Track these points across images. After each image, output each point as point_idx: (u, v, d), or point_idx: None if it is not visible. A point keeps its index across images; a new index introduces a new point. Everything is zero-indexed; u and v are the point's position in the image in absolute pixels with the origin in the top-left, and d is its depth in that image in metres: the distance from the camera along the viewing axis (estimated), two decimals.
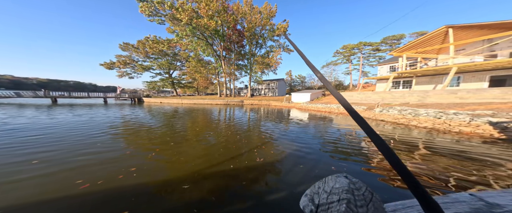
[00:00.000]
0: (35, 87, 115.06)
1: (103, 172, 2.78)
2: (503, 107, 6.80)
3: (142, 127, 6.70)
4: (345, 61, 39.71)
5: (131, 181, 2.52)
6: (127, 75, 37.96)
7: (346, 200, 0.32)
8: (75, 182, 2.43)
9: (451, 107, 8.46)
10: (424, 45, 14.02)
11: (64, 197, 2.11)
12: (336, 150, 4.21)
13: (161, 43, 31.17)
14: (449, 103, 9.60)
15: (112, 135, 5.27)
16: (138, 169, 2.87)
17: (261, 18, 26.38)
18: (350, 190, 0.34)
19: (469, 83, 12.28)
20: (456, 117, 6.89)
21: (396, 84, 17.16)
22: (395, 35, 32.67)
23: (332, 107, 15.17)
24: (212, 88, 57.73)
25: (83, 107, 14.52)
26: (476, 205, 0.57)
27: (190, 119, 9.48)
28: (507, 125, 5.17)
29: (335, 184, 0.37)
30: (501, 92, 8.45)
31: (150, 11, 23.55)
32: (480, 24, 10.57)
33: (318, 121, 9.45)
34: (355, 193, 0.34)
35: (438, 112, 7.81)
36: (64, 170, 2.85)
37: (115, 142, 4.49)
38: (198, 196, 2.17)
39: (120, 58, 36.05)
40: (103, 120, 8.02)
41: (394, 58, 20.20)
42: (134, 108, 16.17)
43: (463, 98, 9.60)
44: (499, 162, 3.38)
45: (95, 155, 3.54)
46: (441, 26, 11.79)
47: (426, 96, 11.12)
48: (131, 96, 31.52)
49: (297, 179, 2.69)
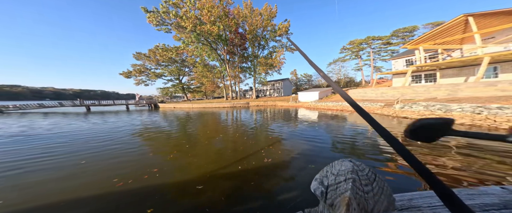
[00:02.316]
0: (71, 97, 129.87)
1: (132, 172, 3.06)
2: None
3: (160, 131, 7.13)
4: (354, 57, 37.88)
5: (154, 181, 2.74)
6: (143, 82, 40.16)
7: (351, 179, 0.36)
8: (113, 180, 2.75)
9: (492, 101, 7.17)
10: (443, 35, 12.59)
11: (106, 193, 2.43)
12: (350, 150, 3.97)
13: (169, 50, 32.57)
14: (489, 96, 8.22)
15: (136, 138, 5.74)
16: (160, 170, 3.11)
17: (262, 19, 26.42)
18: (354, 171, 0.38)
19: (509, 73, 10.59)
20: (502, 112, 5.73)
21: (417, 78, 15.57)
22: (407, 28, 30.46)
23: (344, 105, 14.09)
24: (219, 91, 58.72)
25: (111, 114, 16.04)
26: (507, 198, 0.54)
27: (201, 123, 9.71)
28: None
29: (341, 167, 0.40)
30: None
31: (157, 21, 24.78)
32: (504, 10, 9.15)
33: (329, 120, 8.76)
34: (359, 174, 0.37)
35: (477, 106, 6.62)
36: (104, 170, 3.24)
37: (139, 145, 4.88)
38: (210, 196, 2.29)
39: (135, 67, 38.38)
40: (128, 125, 8.75)
41: (410, 51, 18.51)
42: (152, 113, 17.20)
43: (505, 90, 8.17)
44: None
45: (125, 157, 3.93)
46: (459, 15, 10.49)
47: (457, 90, 9.74)
48: (148, 102, 33.12)
49: (308, 179, 2.58)
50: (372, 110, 11.22)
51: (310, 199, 2.12)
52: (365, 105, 12.29)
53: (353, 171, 0.37)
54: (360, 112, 0.34)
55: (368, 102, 12.83)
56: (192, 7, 23.89)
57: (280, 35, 27.66)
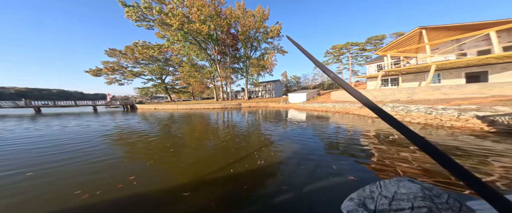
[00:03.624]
0: (14, 97, 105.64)
1: (102, 181, 2.70)
2: (484, 102, 7.43)
3: (138, 134, 6.51)
4: (336, 61, 41.46)
5: (131, 190, 2.45)
6: (116, 81, 36.22)
7: (425, 208, 0.26)
8: (74, 192, 2.35)
9: (438, 102, 9.07)
10: (404, 44, 15.13)
11: (64, 210, 2.02)
12: (336, 148, 4.28)
13: (151, 48, 30.07)
14: (436, 99, 10.31)
15: (107, 143, 5.11)
16: (138, 177, 2.81)
17: (255, 21, 26.78)
18: (426, 196, 0.28)
19: (448, 80, 13.38)
20: (446, 112, 7.37)
21: (385, 82, 18.18)
22: (378, 36, 34.95)
23: (328, 106, 15.56)
24: (208, 92, 56.79)
25: (72, 116, 13.82)
26: None
27: (187, 124, 9.27)
28: (493, 118, 5.62)
29: (399, 188, 0.31)
30: (479, 87, 9.28)
31: (137, 16, 22.71)
32: (447, 26, 11.68)
33: (316, 120, 9.61)
34: (436, 201, 0.27)
35: (428, 107, 8.31)
36: (61, 181, 2.75)
37: (112, 151, 4.37)
38: (198, 203, 2.14)
39: (107, 64, 34.33)
40: (96, 128, 7.77)
41: (380, 57, 21.48)
42: (128, 115, 15.59)
43: (446, 93, 10.38)
44: (500, 154, 3.60)
45: (92, 164, 3.45)
46: (415, 28, 12.93)
47: (413, 93, 11.86)
48: (123, 103, 30.30)
49: (301, 180, 2.65)
50: (352, 110, 12.76)
51: (305, 203, 2.08)
52: (345, 106, 13.86)
53: (426, 197, 0.27)
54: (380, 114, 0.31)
55: (347, 103, 14.47)
56: (179, 4, 22.60)
57: (272, 37, 28.40)
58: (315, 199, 2.20)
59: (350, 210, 0.33)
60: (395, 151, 3.94)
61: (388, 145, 4.38)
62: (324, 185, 2.54)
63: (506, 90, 8.39)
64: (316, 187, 2.47)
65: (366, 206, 0.31)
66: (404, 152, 3.81)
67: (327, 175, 2.81)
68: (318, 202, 2.15)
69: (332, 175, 2.81)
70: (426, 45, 12.63)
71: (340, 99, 18.11)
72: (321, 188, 2.47)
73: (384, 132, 5.90)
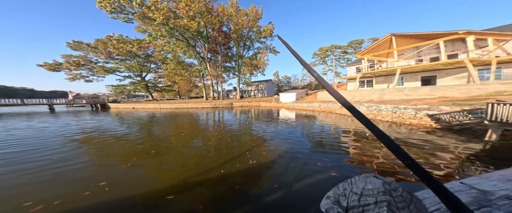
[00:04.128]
0: None
1: (62, 190, 2.34)
2: (433, 102, 9.33)
3: (112, 135, 5.93)
4: (322, 63, 44.19)
5: (101, 197, 2.20)
6: (83, 78, 32.07)
7: (386, 202, 0.30)
8: (22, 204, 2.02)
9: (401, 102, 10.92)
10: (378, 49, 17.30)
11: None
12: (320, 146, 4.58)
13: (129, 43, 27.48)
14: (400, 99, 12.32)
15: (71, 147, 4.51)
16: (111, 183, 2.53)
17: (248, 20, 26.77)
18: (386, 191, 0.32)
19: (409, 82, 15.93)
20: (406, 111, 9.03)
21: (362, 83, 20.50)
22: (357, 40, 38.41)
23: (315, 105, 16.96)
24: (197, 91, 54.57)
25: (19, 118, 11.82)
26: (473, 194, 0.55)
27: (173, 124, 8.93)
28: (438, 117, 7.24)
29: (366, 184, 0.35)
30: (430, 90, 11.46)
31: (113, 7, 20.48)
32: (410, 34, 13.90)
33: (304, 119, 10.53)
34: (393, 194, 0.32)
35: (394, 107, 9.99)
36: (5, 192, 2.32)
37: (76, 155, 3.90)
38: (184, 206, 2.01)
39: (70, 58, 30.06)
40: (54, 130, 6.83)
41: (359, 60, 23.96)
42: (98, 115, 14.13)
43: (408, 95, 12.49)
44: (442, 147, 4.29)
45: (50, 171, 2.99)
46: (387, 34, 14.99)
47: (383, 94, 13.86)
48: (91, 101, 27.32)
49: (292, 179, 2.74)
50: (334, 110, 14.26)
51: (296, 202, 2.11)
52: (328, 106, 15.37)
53: (386, 192, 0.31)
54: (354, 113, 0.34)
55: (331, 103, 16.02)
56: None
57: (264, 37, 28.77)
58: (304, 196, 2.30)
59: (328, 208, 0.34)
60: (369, 147, 4.41)
61: (363, 142, 4.93)
62: (310, 182, 2.66)
63: (448, 92, 10.60)
64: (304, 184, 2.59)
65: (340, 203, 0.33)
66: (376, 149, 4.27)
67: (313, 172, 3.00)
68: (307, 199, 2.24)
69: (318, 172, 3.01)
70: (394, 51, 14.75)
71: (325, 99, 19.81)
72: (308, 185, 2.59)
73: (360, 130, 7.03)
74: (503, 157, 3.77)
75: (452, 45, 13.59)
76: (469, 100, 8.34)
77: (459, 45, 13.12)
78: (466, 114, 6.57)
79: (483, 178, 0.70)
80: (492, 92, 9.09)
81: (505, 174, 0.72)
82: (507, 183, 0.63)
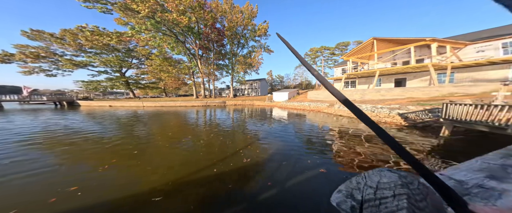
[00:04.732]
0: None
1: (19, 198, 2.05)
2: (403, 102, 10.83)
3: (83, 135, 5.43)
4: (312, 63, 46.04)
5: (72, 203, 1.97)
6: (43, 71, 28.24)
7: (405, 194, 0.30)
8: None
9: (379, 102, 12.36)
10: (361, 52, 18.91)
11: None
12: (310, 144, 4.76)
13: (106, 35, 25.08)
14: (377, 99, 13.88)
15: (28, 149, 3.96)
16: (84, 187, 2.29)
17: (243, 18, 26.35)
18: (404, 184, 0.32)
19: (386, 84, 17.90)
20: (382, 110, 10.32)
21: (347, 84, 22.23)
22: (344, 42, 40.88)
23: (305, 105, 17.98)
24: (186, 89, 52.23)
25: None
26: (451, 184, 0.57)
27: (158, 124, 8.52)
28: (406, 115, 8.52)
29: (381, 178, 0.35)
30: (401, 91, 13.17)
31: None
32: (388, 39, 15.56)
33: (295, 118, 11.20)
34: (411, 187, 0.32)
35: (372, 106, 11.29)
36: None
37: (39, 157, 3.44)
38: (173, 207, 1.91)
39: (26, 49, 26.10)
40: (5, 128, 6.03)
41: (344, 61, 25.74)
42: (63, 113, 12.62)
43: (384, 95, 14.12)
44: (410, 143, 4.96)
45: (2, 177, 2.57)
46: (370, 38, 16.47)
47: (364, 94, 15.40)
48: (54, 98, 24.51)
49: (284, 176, 2.81)
50: (322, 108, 15.39)
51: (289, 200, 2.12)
52: (317, 105, 16.49)
53: (403, 185, 0.31)
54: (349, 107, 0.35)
55: (319, 102, 17.19)
56: None
57: (259, 36, 28.62)
58: (297, 194, 2.35)
59: (339, 201, 0.35)
60: (352, 144, 4.73)
61: (347, 140, 5.30)
62: (302, 179, 2.74)
63: (415, 93, 12.34)
64: (296, 181, 2.66)
65: (354, 196, 0.34)
66: (359, 145, 4.69)
67: (304, 170, 3.09)
68: (299, 196, 2.29)
69: (308, 169, 3.11)
70: (375, 54, 16.33)
71: (314, 98, 21.05)
72: (300, 182, 2.67)
73: (344, 128, 7.87)
74: (455, 151, 4.33)
75: (420, 51, 15.61)
76: (429, 100, 9.93)
77: (425, 51, 15.14)
78: (427, 113, 7.90)
79: (455, 170, 0.73)
80: (446, 93, 10.93)
81: (470, 165, 0.77)
82: (474, 173, 0.67)
